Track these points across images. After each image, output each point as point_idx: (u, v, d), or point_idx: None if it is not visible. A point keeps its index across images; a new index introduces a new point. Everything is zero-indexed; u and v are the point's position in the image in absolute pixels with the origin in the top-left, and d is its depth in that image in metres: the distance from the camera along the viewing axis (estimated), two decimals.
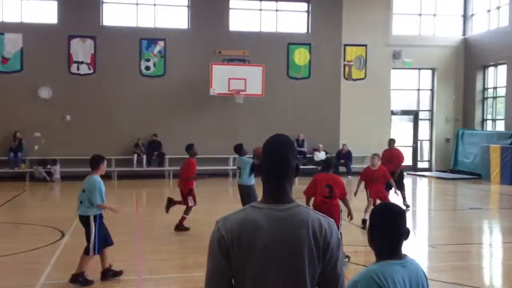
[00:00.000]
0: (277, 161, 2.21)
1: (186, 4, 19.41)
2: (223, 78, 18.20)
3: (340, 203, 7.34)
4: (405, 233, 2.44)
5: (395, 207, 2.51)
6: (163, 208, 10.06)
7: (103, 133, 18.37)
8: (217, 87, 18.27)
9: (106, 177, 17.31)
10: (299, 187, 6.27)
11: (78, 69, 18.50)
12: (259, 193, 2.42)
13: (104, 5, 18.96)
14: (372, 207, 9.79)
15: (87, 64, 18.55)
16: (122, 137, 18.43)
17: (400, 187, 12.04)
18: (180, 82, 18.85)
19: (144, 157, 18.47)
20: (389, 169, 11.69)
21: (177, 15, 19.52)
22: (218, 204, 12.94)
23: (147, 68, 18.95)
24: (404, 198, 12.31)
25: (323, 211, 7.19)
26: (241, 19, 19.96)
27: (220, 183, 17.62)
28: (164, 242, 8.74)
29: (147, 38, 18.92)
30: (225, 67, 18.53)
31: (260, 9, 20.16)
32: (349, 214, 7.46)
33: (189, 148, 9.79)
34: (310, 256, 2.11)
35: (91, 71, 18.59)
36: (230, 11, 19.74)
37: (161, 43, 18.99)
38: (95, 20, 18.63)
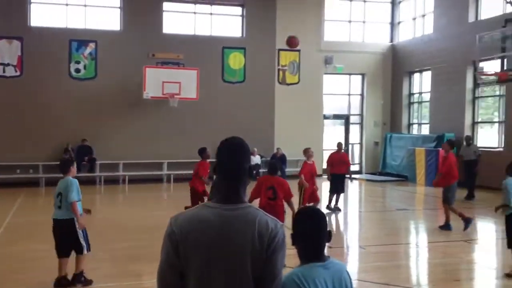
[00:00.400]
0: (229, 164, 2.30)
1: (119, 6, 19.01)
2: (157, 81, 17.96)
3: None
4: (326, 236, 2.50)
5: (316, 211, 2.60)
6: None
7: (30, 138, 17.63)
8: (151, 90, 18.00)
9: (34, 184, 16.93)
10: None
11: (4, 71, 17.68)
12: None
13: (31, 5, 18.22)
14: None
15: (14, 66, 17.76)
16: (50, 142, 17.76)
17: (342, 189, 12.48)
18: (112, 85, 18.42)
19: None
20: (342, 172, 12.09)
21: (109, 17, 19.07)
22: (156, 211, 12.74)
23: (77, 70, 18.39)
24: (337, 201, 12.70)
25: (267, 212, 7.40)
26: (176, 22, 19.81)
27: (156, 189, 17.39)
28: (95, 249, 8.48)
29: (77, 39, 18.36)
30: (159, 70, 18.30)
31: (195, 12, 20.10)
32: (293, 215, 7.57)
33: (202, 152, 10.34)
34: (255, 256, 2.17)
35: (18, 73, 17.81)
36: (164, 13, 19.53)
37: (92, 45, 18.48)
38: (22, 21, 17.87)
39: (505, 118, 16.41)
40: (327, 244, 2.56)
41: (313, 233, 2.47)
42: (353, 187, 19.10)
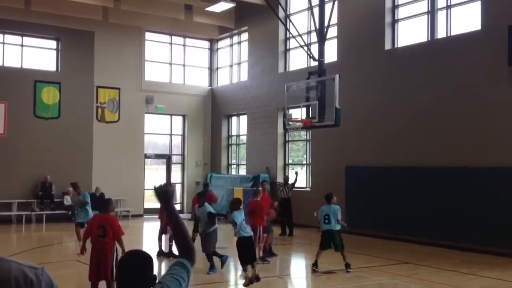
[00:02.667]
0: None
1: None
2: None
3: None
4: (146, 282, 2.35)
5: (134, 254, 2.44)
6: None
7: None
8: None
9: None
10: (46, 233, 5.74)
11: None
12: None
13: None
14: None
15: None
16: None
17: None
18: None
19: None
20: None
21: None
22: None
23: None
24: None
25: (97, 249, 7.38)
26: None
27: None
28: None
29: None
30: None
31: (3, 43, 18.59)
32: (123, 252, 7.32)
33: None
34: None
35: None
36: None
37: None
38: None
39: (311, 161, 18.07)
40: None
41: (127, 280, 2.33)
42: None
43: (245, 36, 21.45)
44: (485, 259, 11.42)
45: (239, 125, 22.05)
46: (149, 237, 16.87)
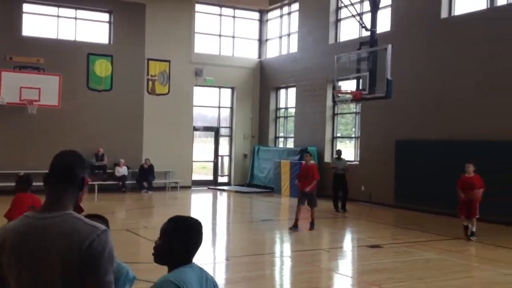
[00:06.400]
0: (53, 170, 2.21)
1: None
2: (14, 86, 16.67)
3: None
4: (200, 244, 2.60)
5: (192, 219, 2.64)
6: None
7: None
8: (7, 96, 16.67)
9: None
10: (97, 203, 5.91)
11: None
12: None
13: None
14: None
15: None
16: None
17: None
18: None
19: None
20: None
21: None
22: None
23: None
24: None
25: None
26: (37, 25, 18.57)
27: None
28: None
29: None
30: (17, 74, 17.00)
31: (58, 16, 19.02)
32: None
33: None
34: (67, 267, 2.04)
35: None
36: (24, 15, 18.22)
37: None
38: None
39: (360, 134, 17.73)
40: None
41: (192, 241, 2.57)
42: (221, 199, 19.31)
43: (295, 6, 21.08)
44: None
45: (288, 98, 21.86)
46: (196, 208, 17.18)
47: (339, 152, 15.74)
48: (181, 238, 2.53)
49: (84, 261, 2.04)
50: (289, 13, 21.62)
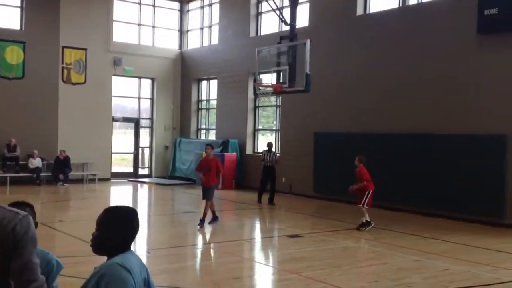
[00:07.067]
0: None
1: None
2: None
3: None
4: (137, 231, 2.74)
5: (128, 208, 2.75)
6: None
7: None
8: None
9: None
10: (11, 196, 5.59)
11: None
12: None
13: None
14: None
15: None
16: None
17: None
18: None
19: None
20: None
21: None
22: None
23: None
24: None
25: None
26: None
27: None
28: None
29: None
30: None
31: None
32: None
33: None
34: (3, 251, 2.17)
35: None
36: None
37: None
38: None
39: (280, 126, 18.08)
40: None
41: (134, 228, 2.72)
42: (142, 191, 18.98)
43: None
44: (449, 224, 11.76)
45: (210, 90, 21.82)
46: (116, 201, 16.78)
47: (269, 145, 15.49)
48: (118, 227, 2.61)
49: (9, 245, 2.16)
50: (210, 4, 21.53)
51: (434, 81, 13.15)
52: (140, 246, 9.76)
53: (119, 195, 18.10)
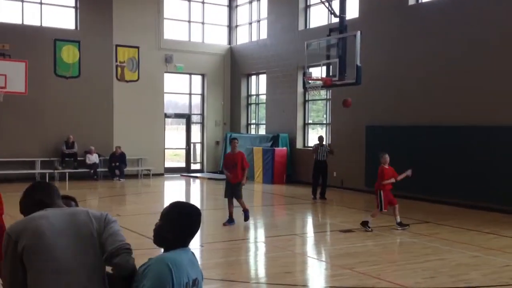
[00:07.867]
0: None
1: None
2: None
3: None
4: (196, 231, 2.79)
5: (193, 206, 2.80)
6: None
7: None
8: None
9: None
10: (69, 192, 5.85)
11: None
12: None
13: None
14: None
15: None
16: None
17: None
18: None
19: None
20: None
21: None
22: None
23: None
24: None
25: None
26: (1, 10, 18.05)
27: None
28: None
29: None
30: None
31: (22, 1, 18.51)
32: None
33: None
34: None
35: None
36: None
37: None
38: None
39: (330, 121, 17.88)
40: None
41: (192, 227, 2.78)
42: (195, 186, 19.27)
43: None
44: (507, 219, 11.32)
45: (259, 84, 21.85)
46: (170, 195, 17.11)
47: (321, 138, 15.15)
48: (178, 222, 2.68)
49: (103, 228, 2.77)
50: None
51: (491, 72, 12.64)
52: (193, 240, 9.91)
53: (173, 190, 18.45)
